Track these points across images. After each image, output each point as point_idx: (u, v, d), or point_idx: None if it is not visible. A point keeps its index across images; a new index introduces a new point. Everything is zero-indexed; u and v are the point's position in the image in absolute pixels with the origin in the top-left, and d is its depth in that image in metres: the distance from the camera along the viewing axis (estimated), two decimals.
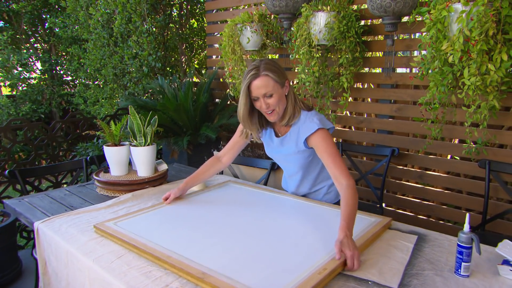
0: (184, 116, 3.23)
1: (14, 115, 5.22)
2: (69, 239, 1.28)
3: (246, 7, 3.28)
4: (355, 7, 2.46)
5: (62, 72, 6.06)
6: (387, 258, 1.17)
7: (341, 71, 2.51)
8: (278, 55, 3.11)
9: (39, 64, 5.84)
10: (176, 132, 3.38)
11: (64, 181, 2.92)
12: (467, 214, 1.05)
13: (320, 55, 2.55)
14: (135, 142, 1.83)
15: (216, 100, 3.75)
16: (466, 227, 1.04)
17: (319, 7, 2.35)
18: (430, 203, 2.48)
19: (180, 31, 4.56)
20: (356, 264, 1.08)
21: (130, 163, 1.99)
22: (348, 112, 2.94)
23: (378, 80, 2.54)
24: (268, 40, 2.89)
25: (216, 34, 3.66)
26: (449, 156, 2.49)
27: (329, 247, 1.19)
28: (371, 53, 2.61)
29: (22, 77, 5.57)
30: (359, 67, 2.51)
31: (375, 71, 2.80)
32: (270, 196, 1.72)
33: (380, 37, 2.55)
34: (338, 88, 2.56)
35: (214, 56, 3.78)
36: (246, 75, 1.42)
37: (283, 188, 1.85)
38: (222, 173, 2.51)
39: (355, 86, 2.73)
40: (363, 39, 2.47)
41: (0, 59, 5.20)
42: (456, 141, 2.45)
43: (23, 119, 2.76)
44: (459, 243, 1.04)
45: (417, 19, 2.09)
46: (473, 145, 2.08)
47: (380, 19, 2.29)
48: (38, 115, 5.56)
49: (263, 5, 2.88)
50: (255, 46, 2.85)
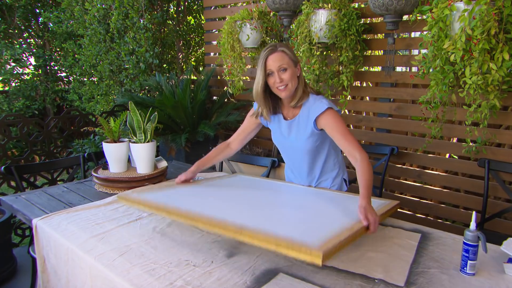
0: (182, 114, 3.20)
1: (7, 111, 5.14)
2: (69, 236, 1.26)
3: (245, 4, 3.25)
4: (356, 5, 2.45)
5: (56, 68, 5.98)
6: (392, 256, 1.17)
7: (341, 69, 2.50)
8: None
9: (32, 60, 5.76)
10: (173, 129, 3.35)
11: (59, 178, 2.88)
12: (473, 213, 1.04)
13: (320, 53, 2.54)
14: (134, 138, 1.80)
15: (214, 97, 3.73)
16: (473, 225, 1.04)
17: (320, 5, 2.34)
18: (429, 202, 2.49)
19: (177, 28, 4.53)
20: (376, 229, 1.18)
21: (129, 160, 1.96)
22: (347, 110, 2.93)
23: (378, 79, 2.54)
24: (268, 38, 2.88)
25: (214, 31, 3.63)
26: (447, 155, 2.50)
27: (350, 216, 1.24)
28: (371, 51, 2.61)
29: (15, 72, 5.48)
30: (359, 65, 2.50)
31: (375, 69, 2.80)
32: (282, 184, 1.74)
33: (381, 35, 2.55)
34: (338, 86, 2.56)
35: (212, 54, 3.76)
36: (263, 52, 1.53)
37: None
38: (221, 170, 2.49)
39: (355, 85, 2.72)
40: (363, 37, 2.47)
41: None
42: (455, 140, 2.46)
43: (17, 114, 2.71)
44: (465, 241, 1.04)
45: (418, 18, 2.09)
46: (472, 144, 2.09)
47: (381, 18, 2.28)
48: (31, 111, 5.48)
49: (262, 2, 2.86)
50: (254, 43, 2.83)
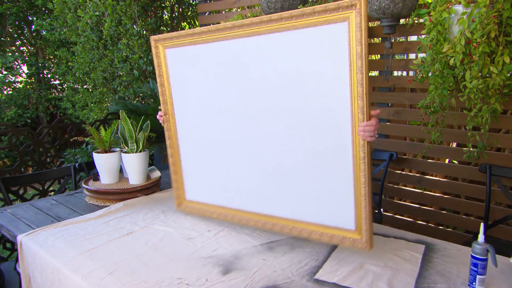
0: None
1: None
2: (56, 254, 1.19)
3: (240, 9, 3.21)
4: None
5: (49, 76, 5.91)
6: (395, 270, 1.11)
7: None
8: None
9: (25, 68, 5.69)
10: None
11: (51, 188, 2.80)
12: (481, 224, 0.99)
13: None
14: (126, 148, 1.74)
15: None
16: (481, 238, 0.99)
17: None
18: (429, 208, 2.44)
19: None
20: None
21: (121, 170, 1.90)
22: None
23: (375, 83, 2.50)
24: None
25: None
26: (447, 160, 2.45)
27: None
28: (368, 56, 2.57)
29: (7, 80, 5.40)
30: None
31: (372, 74, 2.76)
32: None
33: (378, 39, 2.51)
34: None
35: None
36: None
37: None
38: None
39: None
40: None
41: None
42: (455, 145, 2.42)
43: (7, 124, 2.64)
44: (473, 255, 0.99)
45: (416, 22, 2.05)
46: (472, 149, 2.04)
47: (378, 21, 2.25)
48: (24, 120, 5.40)
49: (257, 7, 2.82)
50: None
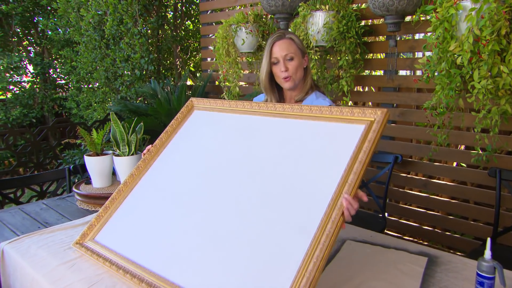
0: None
1: (4, 120, 5.06)
2: (36, 264, 1.14)
3: (242, 7, 3.15)
4: (355, 6, 2.33)
5: (55, 75, 5.92)
6: (395, 285, 1.03)
7: (340, 73, 2.37)
8: None
9: (31, 68, 5.70)
10: None
11: (50, 189, 2.77)
12: (488, 240, 0.91)
13: (319, 57, 2.42)
14: (118, 151, 1.69)
15: None
16: (487, 254, 0.91)
17: (317, 6, 2.22)
18: (436, 213, 2.35)
19: (174, 33, 4.43)
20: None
21: (116, 173, 1.85)
22: None
23: (380, 83, 2.41)
24: (264, 42, 2.76)
25: (211, 35, 3.53)
26: (455, 164, 2.35)
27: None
28: (372, 54, 2.48)
29: (14, 80, 5.41)
30: (359, 69, 2.38)
31: (376, 73, 2.67)
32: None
33: (382, 38, 2.42)
34: (337, 92, 2.43)
35: (209, 59, 3.65)
36: (270, 39, 1.45)
37: None
38: None
39: (356, 90, 2.60)
40: (364, 40, 2.34)
41: None
42: (463, 147, 2.32)
43: (5, 125, 2.61)
44: (479, 273, 0.90)
45: (421, 18, 1.96)
46: (481, 152, 1.95)
47: (382, 19, 2.16)
48: (29, 119, 5.40)
49: (259, 5, 2.75)
50: (250, 47, 2.72)
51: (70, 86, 5.36)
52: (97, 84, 4.41)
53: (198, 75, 4.74)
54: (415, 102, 2.26)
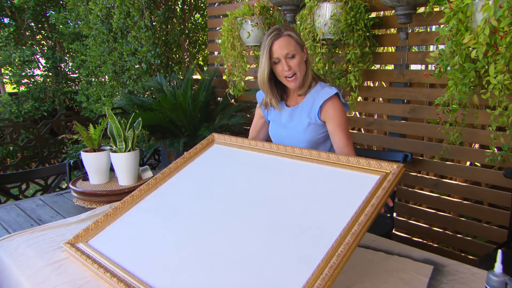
0: (182, 116, 3.05)
1: (16, 113, 5.12)
2: (22, 265, 1.11)
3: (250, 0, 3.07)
4: None
5: (67, 69, 5.95)
6: None
7: (349, 68, 2.28)
8: None
9: (43, 61, 5.74)
10: (174, 133, 3.21)
11: (55, 184, 2.77)
12: (499, 252, 0.82)
13: (327, 50, 2.33)
14: (115, 147, 1.65)
15: (219, 98, 3.56)
16: (498, 268, 0.82)
17: None
18: (447, 215, 2.24)
19: (182, 26, 4.38)
20: None
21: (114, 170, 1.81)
22: (357, 112, 2.71)
23: (390, 78, 2.31)
24: None
25: (218, 28, 3.46)
26: (468, 163, 2.24)
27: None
28: (382, 48, 2.37)
29: (29, 73, 5.45)
30: (368, 63, 2.28)
31: (386, 68, 2.56)
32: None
33: (393, 30, 2.31)
34: (345, 87, 2.34)
35: (216, 52, 3.59)
36: (267, 38, 1.38)
37: None
38: None
39: (365, 85, 2.50)
40: (373, 32, 2.24)
41: (1, 57, 5.08)
42: (477, 146, 2.20)
43: (8, 119, 2.61)
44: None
45: (434, 9, 1.85)
46: (497, 151, 1.84)
47: (393, 10, 2.05)
48: (41, 113, 5.46)
49: None
50: (256, 41, 2.64)
51: (81, 79, 5.38)
52: (105, 78, 4.41)
53: (205, 69, 4.68)
54: (427, 98, 2.15)
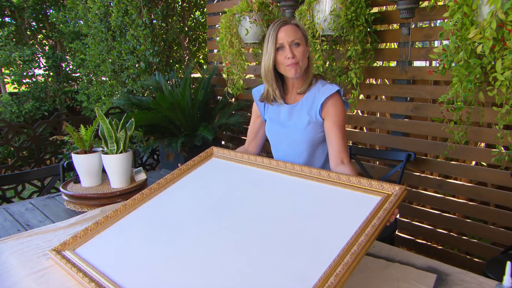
0: (180, 115, 2.99)
1: (17, 113, 5.10)
2: (3, 274, 1.06)
3: None
4: None
5: (67, 69, 5.92)
6: None
7: (349, 65, 2.21)
8: None
9: (44, 61, 5.71)
10: (173, 132, 3.15)
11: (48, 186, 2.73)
12: (508, 264, 0.76)
13: (328, 47, 2.26)
14: (106, 149, 1.59)
15: (218, 97, 3.50)
16: (507, 281, 0.76)
17: None
18: (451, 216, 2.17)
19: (181, 24, 4.32)
20: None
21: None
22: (359, 111, 2.64)
23: (392, 75, 2.23)
24: None
25: (217, 26, 3.39)
26: (473, 163, 2.17)
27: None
28: (384, 44, 2.30)
29: (29, 73, 5.43)
30: (370, 60, 2.21)
31: (389, 64, 2.49)
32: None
33: (395, 25, 2.24)
34: (346, 85, 2.27)
35: (215, 50, 3.53)
36: (273, 25, 1.36)
37: None
38: None
39: (366, 82, 2.43)
40: (374, 28, 2.17)
41: (1, 56, 5.06)
42: (483, 145, 2.13)
43: (4, 119, 2.57)
44: None
45: (438, 3, 1.78)
46: (504, 151, 1.76)
47: (395, 5, 1.98)
48: (41, 112, 5.43)
49: None
50: (254, 38, 2.58)
51: (83, 78, 5.35)
52: (105, 77, 4.37)
53: (205, 67, 4.63)
54: (431, 95, 2.08)
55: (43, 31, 6.03)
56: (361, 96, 2.49)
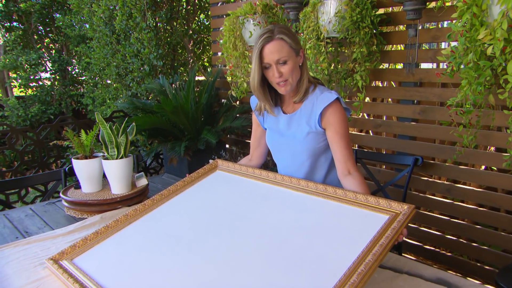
0: (184, 119, 2.97)
1: (23, 116, 5.12)
2: None
3: None
4: None
5: (73, 72, 5.95)
6: None
7: (355, 67, 2.17)
8: None
9: (50, 64, 5.75)
10: (177, 136, 3.13)
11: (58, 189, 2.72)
12: None
13: (333, 49, 2.22)
14: (106, 154, 1.57)
15: (223, 100, 3.48)
16: None
17: None
18: (460, 222, 2.11)
19: (185, 27, 4.31)
20: None
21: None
22: (365, 114, 2.59)
23: (399, 78, 2.19)
24: None
25: (221, 28, 3.37)
26: (483, 167, 2.11)
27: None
28: (390, 46, 2.26)
29: (36, 77, 5.46)
30: (376, 62, 2.16)
31: (395, 67, 2.44)
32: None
33: (401, 27, 2.19)
34: (352, 87, 2.22)
35: (220, 53, 3.50)
36: (258, 39, 1.26)
37: None
38: None
39: (372, 85, 2.38)
40: (380, 29, 2.12)
41: (8, 60, 5.10)
42: (493, 149, 2.07)
43: (7, 124, 2.57)
44: None
45: (446, 4, 1.73)
46: None
47: (401, 6, 1.94)
48: (47, 116, 5.46)
49: None
50: None
51: (89, 82, 5.37)
52: (110, 81, 4.37)
53: (209, 70, 4.61)
54: (439, 98, 2.03)
55: (49, 35, 6.07)
56: (367, 99, 2.45)
